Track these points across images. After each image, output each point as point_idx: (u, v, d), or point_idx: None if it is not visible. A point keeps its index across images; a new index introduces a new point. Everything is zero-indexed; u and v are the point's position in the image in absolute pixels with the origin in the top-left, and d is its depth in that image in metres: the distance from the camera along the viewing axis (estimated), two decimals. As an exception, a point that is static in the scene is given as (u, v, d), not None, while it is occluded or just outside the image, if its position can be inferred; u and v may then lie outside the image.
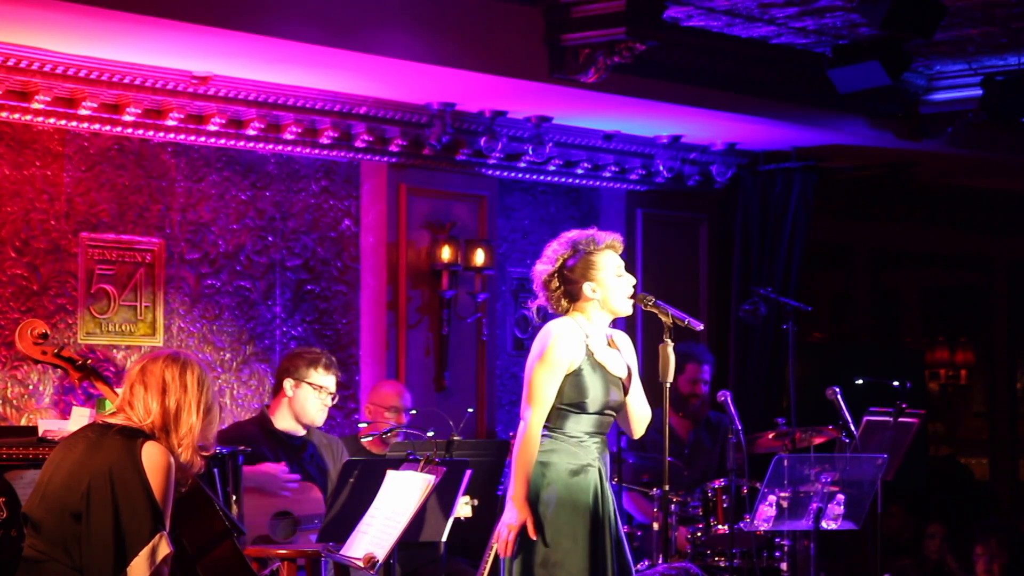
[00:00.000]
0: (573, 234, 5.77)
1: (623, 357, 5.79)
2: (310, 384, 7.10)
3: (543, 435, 5.65)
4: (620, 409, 5.78)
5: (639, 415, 5.81)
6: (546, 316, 5.90)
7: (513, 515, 5.58)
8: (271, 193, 8.30)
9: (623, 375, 5.75)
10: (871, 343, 11.94)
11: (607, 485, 5.73)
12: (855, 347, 11.75)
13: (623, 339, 5.85)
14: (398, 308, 8.59)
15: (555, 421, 5.67)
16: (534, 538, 5.57)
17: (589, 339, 5.69)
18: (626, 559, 5.74)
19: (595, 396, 5.65)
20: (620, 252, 5.78)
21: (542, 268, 5.76)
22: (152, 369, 4.86)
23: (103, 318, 7.62)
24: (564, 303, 5.75)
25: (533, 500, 5.62)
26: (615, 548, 5.69)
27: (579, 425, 5.67)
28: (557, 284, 5.73)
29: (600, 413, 5.69)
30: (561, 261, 5.72)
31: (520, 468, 5.59)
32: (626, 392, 5.74)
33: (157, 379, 4.84)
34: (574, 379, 5.64)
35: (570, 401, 5.64)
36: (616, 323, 5.87)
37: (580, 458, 5.66)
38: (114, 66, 7.29)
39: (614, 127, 9.27)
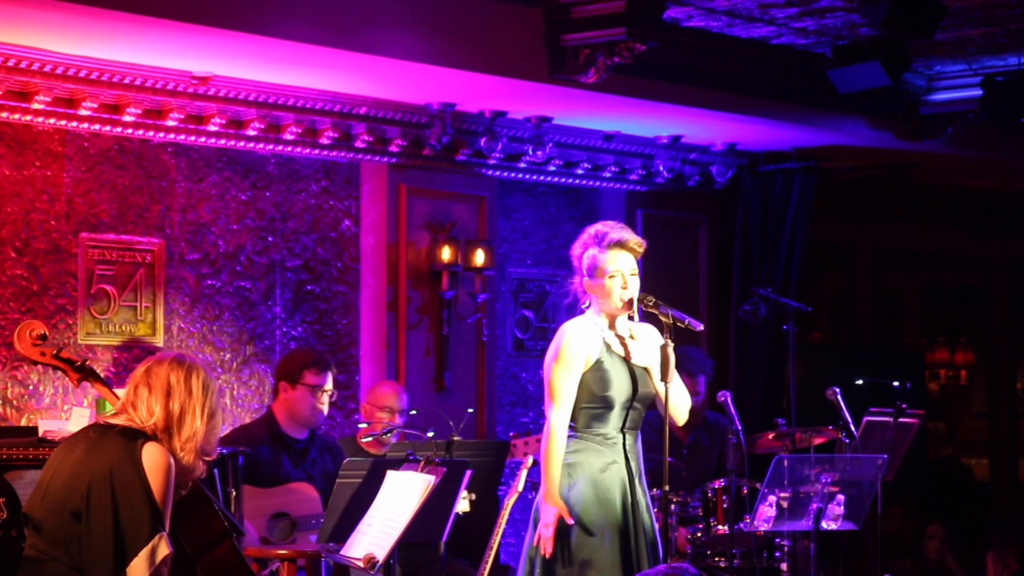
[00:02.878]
0: (595, 228, 5.84)
1: (646, 347, 5.78)
2: (304, 385, 7.12)
3: (571, 436, 5.69)
4: (650, 401, 5.77)
5: (675, 401, 5.80)
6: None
7: (548, 513, 5.63)
8: (271, 193, 8.30)
9: (647, 364, 5.75)
10: (871, 343, 11.93)
11: (639, 481, 5.74)
12: (855, 347, 11.75)
13: (647, 330, 5.83)
14: (398, 308, 8.59)
15: (583, 421, 5.71)
16: (571, 522, 5.59)
17: (604, 333, 5.71)
18: (658, 557, 5.73)
19: (620, 387, 5.68)
20: (627, 251, 5.76)
21: (574, 252, 5.86)
22: (157, 371, 4.85)
23: (103, 318, 7.62)
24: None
25: (562, 500, 5.66)
26: (649, 545, 5.69)
27: (607, 423, 5.70)
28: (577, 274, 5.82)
29: (629, 407, 5.70)
30: (578, 252, 5.80)
31: (548, 466, 5.65)
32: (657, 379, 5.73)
33: (162, 382, 4.83)
34: (596, 373, 5.68)
35: (596, 396, 5.68)
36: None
37: (607, 456, 5.69)
38: (114, 66, 7.29)
39: (614, 127, 9.27)
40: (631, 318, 5.83)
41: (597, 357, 5.69)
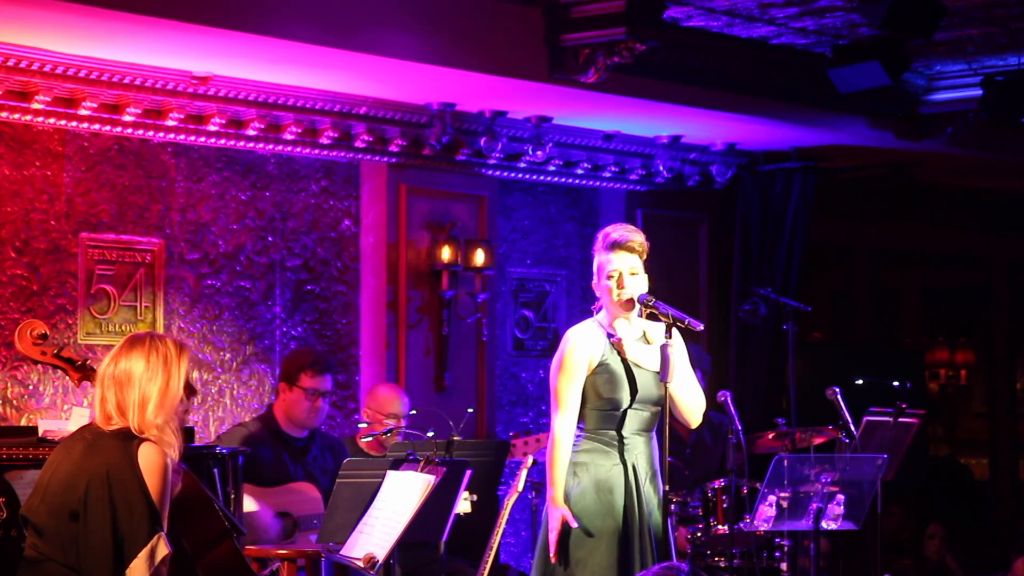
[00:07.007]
0: (603, 231, 5.85)
1: (656, 349, 5.77)
2: (300, 388, 7.13)
3: (581, 436, 5.73)
4: (660, 403, 5.77)
5: (688, 404, 5.83)
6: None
7: (553, 518, 5.68)
8: (271, 193, 8.30)
9: (649, 367, 5.75)
10: (871, 343, 11.93)
11: (648, 484, 5.74)
12: (855, 347, 11.75)
13: (659, 330, 5.78)
14: (398, 308, 8.59)
15: (592, 423, 5.74)
16: (575, 527, 5.62)
17: (608, 336, 5.73)
18: (669, 556, 5.73)
19: (624, 388, 5.69)
20: (626, 250, 5.76)
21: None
22: (104, 372, 4.82)
23: (103, 318, 7.62)
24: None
25: (565, 499, 5.69)
26: (654, 547, 5.69)
27: (616, 425, 5.72)
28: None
29: (637, 408, 5.71)
30: (593, 257, 5.85)
31: (552, 471, 5.69)
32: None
33: (108, 378, 4.80)
34: (601, 375, 5.70)
35: (603, 398, 5.70)
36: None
37: (613, 457, 5.71)
38: (114, 66, 7.29)
39: (614, 127, 9.27)
40: (642, 316, 5.83)
41: (600, 360, 5.70)
